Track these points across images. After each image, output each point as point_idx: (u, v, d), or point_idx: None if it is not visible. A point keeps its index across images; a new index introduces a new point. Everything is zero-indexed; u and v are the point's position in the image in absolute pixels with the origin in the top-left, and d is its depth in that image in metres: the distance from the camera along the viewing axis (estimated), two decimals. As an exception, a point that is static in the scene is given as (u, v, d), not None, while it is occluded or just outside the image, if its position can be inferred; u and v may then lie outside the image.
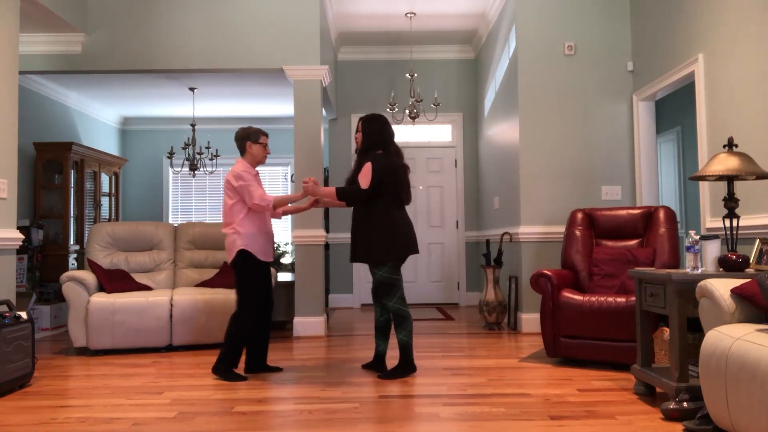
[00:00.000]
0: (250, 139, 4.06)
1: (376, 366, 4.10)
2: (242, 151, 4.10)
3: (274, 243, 4.28)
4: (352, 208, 4.14)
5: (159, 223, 5.67)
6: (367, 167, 3.90)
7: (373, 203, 3.93)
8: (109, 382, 3.89)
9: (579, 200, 5.63)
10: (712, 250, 3.21)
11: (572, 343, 4.15)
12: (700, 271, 3.16)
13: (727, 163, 3.21)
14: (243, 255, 3.95)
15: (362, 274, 7.78)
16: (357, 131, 4.11)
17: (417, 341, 5.24)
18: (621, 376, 3.85)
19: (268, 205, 3.96)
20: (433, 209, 7.98)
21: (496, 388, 3.58)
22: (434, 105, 6.91)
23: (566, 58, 5.70)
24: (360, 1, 6.50)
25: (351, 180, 4.04)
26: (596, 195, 5.64)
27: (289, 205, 4.29)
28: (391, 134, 4.09)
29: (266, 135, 4.14)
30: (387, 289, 3.93)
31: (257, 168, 4.14)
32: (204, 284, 5.37)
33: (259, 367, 4.09)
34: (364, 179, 3.88)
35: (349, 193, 3.93)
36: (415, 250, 4.00)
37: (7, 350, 3.58)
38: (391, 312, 3.96)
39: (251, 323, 3.95)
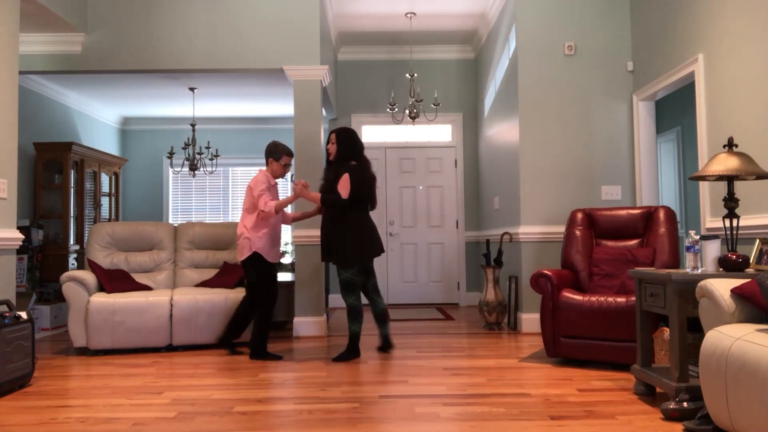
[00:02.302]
0: (273, 156, 4.59)
1: (386, 346, 4.73)
2: (267, 163, 4.62)
3: (280, 246, 4.73)
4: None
5: (159, 223, 5.66)
6: (345, 178, 4.34)
7: (344, 210, 4.40)
8: (109, 382, 3.89)
9: (579, 200, 5.63)
10: (712, 250, 3.21)
11: (572, 343, 4.15)
12: (700, 271, 3.16)
13: (727, 163, 3.21)
14: (255, 256, 4.47)
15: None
16: (329, 143, 4.51)
17: (417, 341, 5.24)
18: (621, 376, 3.85)
19: (270, 210, 4.38)
20: (433, 209, 7.98)
21: (496, 388, 3.58)
22: (434, 105, 6.91)
23: (566, 58, 5.70)
24: (360, 1, 6.50)
25: (327, 188, 4.44)
26: (596, 195, 5.64)
27: (294, 212, 4.95)
28: (362, 146, 4.57)
29: (291, 156, 4.65)
30: (350, 287, 4.44)
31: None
32: (204, 284, 5.37)
33: (225, 341, 4.74)
34: (344, 189, 4.34)
35: (330, 202, 4.37)
36: (380, 252, 4.51)
37: (7, 350, 3.58)
38: (347, 306, 4.47)
39: (269, 311, 4.56)
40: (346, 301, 4.49)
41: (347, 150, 4.48)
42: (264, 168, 4.70)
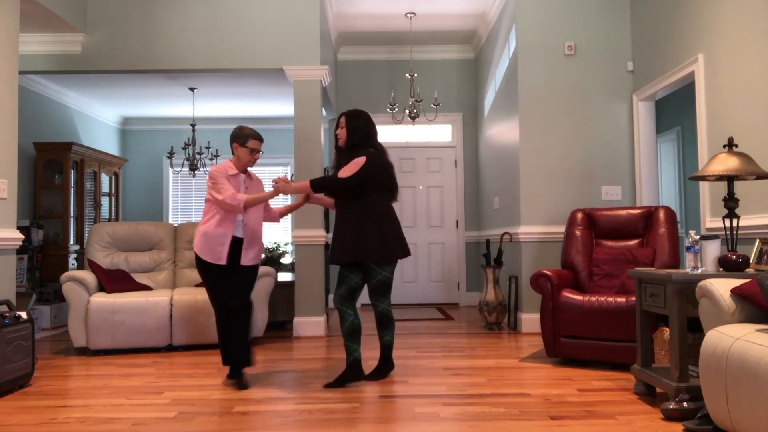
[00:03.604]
0: (238, 141, 3.90)
1: (354, 375, 3.76)
2: (233, 151, 3.96)
3: (228, 245, 3.80)
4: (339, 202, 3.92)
5: (159, 223, 5.67)
6: (359, 161, 3.72)
7: (373, 200, 3.76)
8: (109, 382, 3.89)
9: (579, 200, 5.63)
10: (712, 250, 3.21)
11: (572, 343, 4.15)
12: (700, 271, 3.16)
13: (727, 163, 3.21)
14: (196, 256, 3.85)
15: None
16: (339, 127, 3.89)
17: (417, 341, 5.24)
18: (621, 376, 3.85)
19: (239, 205, 3.73)
20: (433, 209, 7.98)
21: (496, 388, 3.58)
22: (434, 105, 6.91)
23: (566, 58, 5.70)
24: (360, 1, 6.50)
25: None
26: (596, 195, 5.64)
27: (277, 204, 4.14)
28: (376, 131, 3.95)
29: (258, 139, 3.94)
30: (387, 289, 3.83)
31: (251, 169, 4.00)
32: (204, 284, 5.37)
33: (233, 374, 3.84)
34: (348, 171, 3.71)
35: (325, 184, 3.73)
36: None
37: (7, 350, 3.58)
38: (381, 313, 3.85)
39: (220, 323, 3.84)
40: (384, 306, 3.82)
41: (359, 135, 3.83)
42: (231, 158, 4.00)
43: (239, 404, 3.32)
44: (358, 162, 3.72)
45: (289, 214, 9.16)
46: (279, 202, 9.36)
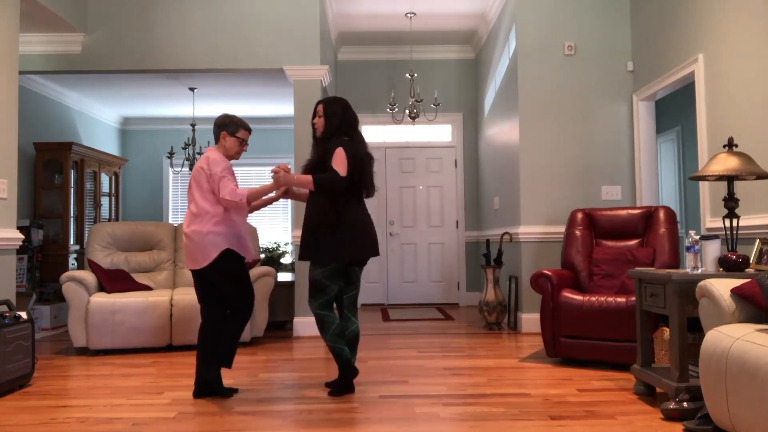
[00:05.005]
0: (227, 129, 3.56)
1: (343, 386, 3.55)
2: (217, 139, 3.60)
3: (249, 238, 3.64)
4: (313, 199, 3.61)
5: (159, 223, 5.67)
6: (340, 153, 3.43)
7: (333, 196, 3.47)
8: (109, 382, 3.89)
9: (579, 200, 5.63)
10: (712, 250, 3.21)
11: (572, 343, 4.15)
12: (700, 271, 3.16)
13: (727, 163, 3.21)
14: (228, 255, 3.42)
15: (363, 275, 7.77)
16: (317, 116, 3.62)
17: (417, 341, 5.23)
18: (621, 376, 3.85)
19: (241, 201, 3.39)
20: (433, 209, 7.98)
21: (496, 388, 3.58)
22: (434, 105, 6.91)
23: (566, 58, 5.70)
24: (360, 1, 6.50)
25: (311, 170, 3.53)
26: (596, 195, 5.64)
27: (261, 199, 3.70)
28: (356, 119, 3.64)
29: (248, 130, 3.63)
30: (315, 290, 3.47)
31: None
32: (204, 284, 5.37)
33: (212, 390, 3.49)
34: (341, 166, 3.40)
35: (327, 181, 3.39)
36: (372, 254, 3.52)
37: (7, 350, 3.58)
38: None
39: (238, 332, 3.51)
40: (309, 306, 3.51)
41: (338, 123, 3.55)
42: (210, 147, 3.68)
43: (239, 404, 3.32)
44: (340, 155, 3.44)
45: (289, 216, 9.15)
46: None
